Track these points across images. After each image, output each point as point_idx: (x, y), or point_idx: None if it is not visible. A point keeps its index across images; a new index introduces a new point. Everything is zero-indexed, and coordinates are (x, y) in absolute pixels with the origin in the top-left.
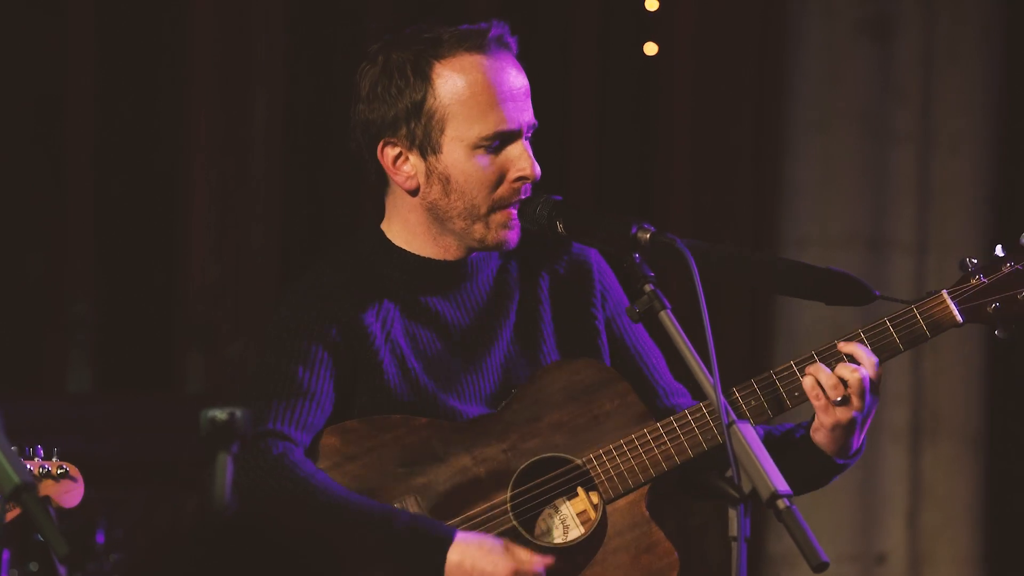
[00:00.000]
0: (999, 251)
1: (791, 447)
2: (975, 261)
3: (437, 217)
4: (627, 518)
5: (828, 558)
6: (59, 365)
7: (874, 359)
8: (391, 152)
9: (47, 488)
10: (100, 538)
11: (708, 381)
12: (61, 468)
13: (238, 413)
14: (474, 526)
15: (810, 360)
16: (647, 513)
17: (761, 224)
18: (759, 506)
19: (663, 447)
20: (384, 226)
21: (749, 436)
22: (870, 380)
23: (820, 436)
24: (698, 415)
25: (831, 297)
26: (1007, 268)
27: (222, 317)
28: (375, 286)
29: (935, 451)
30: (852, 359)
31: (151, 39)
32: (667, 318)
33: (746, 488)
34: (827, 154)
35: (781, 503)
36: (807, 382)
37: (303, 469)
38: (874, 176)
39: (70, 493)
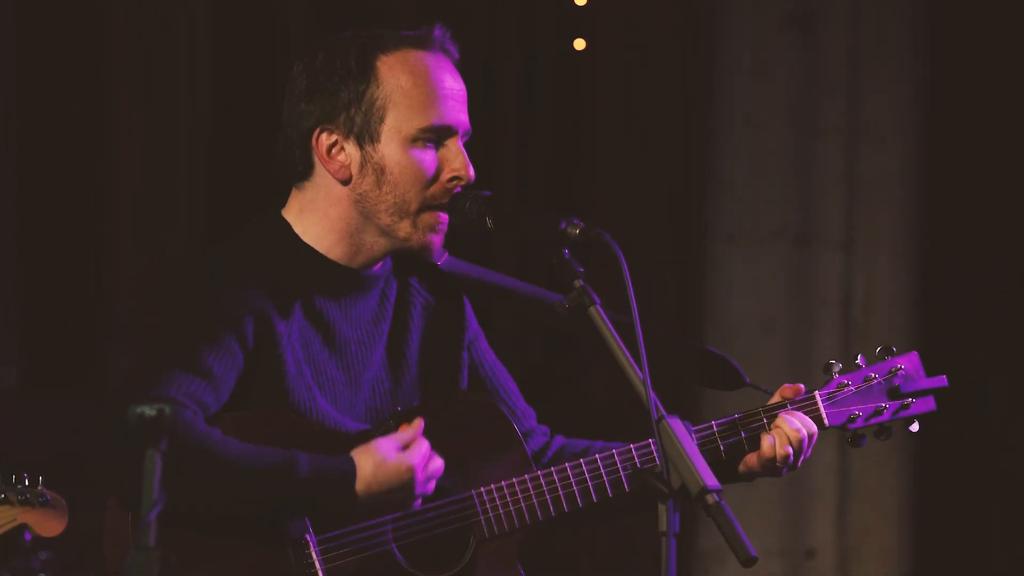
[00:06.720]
0: (861, 360)
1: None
2: (840, 365)
3: (364, 211)
4: (499, 559)
5: (757, 553)
6: None
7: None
8: (327, 140)
9: (26, 515)
10: (27, 535)
11: (637, 376)
12: (43, 496)
13: (167, 409)
14: (354, 541)
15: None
16: (516, 562)
17: (690, 220)
18: (689, 501)
19: (540, 496)
20: (290, 217)
21: (679, 431)
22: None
23: (744, 471)
24: (576, 469)
25: (703, 377)
26: (875, 379)
27: (147, 316)
28: (282, 281)
29: (863, 447)
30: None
31: (76, 42)
32: (597, 313)
33: (675, 483)
34: (755, 149)
35: (710, 498)
36: (765, 444)
37: (199, 428)
38: (802, 170)
39: (50, 523)
